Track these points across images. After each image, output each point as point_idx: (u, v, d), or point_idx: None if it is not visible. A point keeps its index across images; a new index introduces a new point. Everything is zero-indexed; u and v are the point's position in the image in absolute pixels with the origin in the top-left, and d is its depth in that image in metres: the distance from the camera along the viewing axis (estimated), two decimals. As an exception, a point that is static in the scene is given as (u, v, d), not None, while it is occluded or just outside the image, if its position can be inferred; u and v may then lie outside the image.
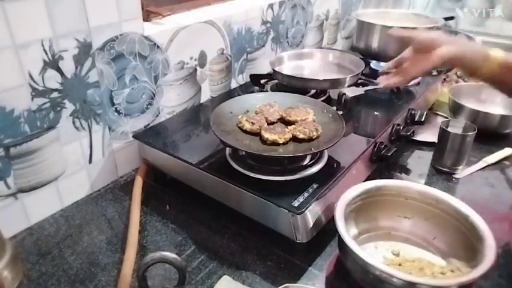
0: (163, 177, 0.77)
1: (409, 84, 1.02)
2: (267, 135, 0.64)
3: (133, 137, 0.78)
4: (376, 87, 0.96)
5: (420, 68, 0.64)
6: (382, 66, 1.09)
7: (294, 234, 0.59)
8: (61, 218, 0.69)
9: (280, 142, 0.64)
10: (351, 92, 0.82)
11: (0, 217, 0.61)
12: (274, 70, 0.91)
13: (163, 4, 0.88)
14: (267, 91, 0.92)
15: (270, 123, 0.68)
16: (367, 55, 1.10)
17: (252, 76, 0.97)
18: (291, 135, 0.65)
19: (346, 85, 0.87)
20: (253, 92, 0.94)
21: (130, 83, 0.74)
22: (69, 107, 0.66)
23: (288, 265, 0.58)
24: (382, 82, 0.71)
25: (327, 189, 0.61)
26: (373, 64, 1.11)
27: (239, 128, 0.68)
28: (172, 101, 0.85)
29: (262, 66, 1.10)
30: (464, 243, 0.56)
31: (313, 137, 0.65)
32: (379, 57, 1.08)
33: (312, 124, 0.67)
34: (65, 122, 0.66)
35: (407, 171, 0.82)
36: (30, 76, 0.59)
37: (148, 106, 0.80)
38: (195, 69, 0.89)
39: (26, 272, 0.57)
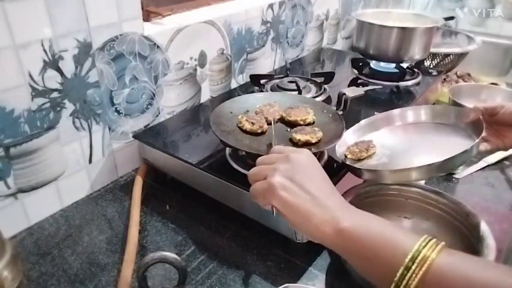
0: (163, 177, 0.77)
1: (409, 84, 1.03)
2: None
3: (133, 137, 0.78)
4: (376, 87, 0.96)
5: None
6: (382, 66, 1.10)
7: (294, 234, 0.59)
8: (61, 218, 0.69)
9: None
10: (351, 92, 0.82)
11: (0, 217, 0.61)
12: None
13: (163, 4, 0.88)
14: (267, 91, 0.92)
15: (270, 124, 0.68)
16: (367, 55, 1.10)
17: (252, 76, 0.97)
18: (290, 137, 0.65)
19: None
20: (253, 92, 0.94)
21: (130, 83, 0.74)
22: (69, 107, 0.66)
23: (288, 265, 0.58)
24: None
25: (327, 189, 0.61)
26: (373, 64, 1.11)
27: (239, 128, 0.68)
28: (172, 101, 0.85)
29: (262, 66, 1.10)
30: (464, 243, 0.56)
31: (312, 142, 0.64)
32: (379, 57, 1.08)
33: (311, 129, 0.66)
34: (65, 122, 0.66)
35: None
36: (30, 76, 0.59)
37: (148, 106, 0.80)
38: (195, 69, 0.89)
39: (26, 272, 0.57)
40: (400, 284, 0.33)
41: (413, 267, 0.33)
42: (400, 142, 0.66)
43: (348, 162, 0.64)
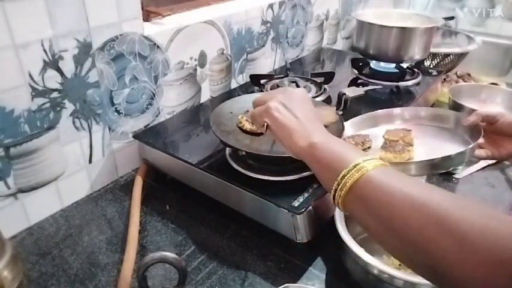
0: (163, 177, 0.77)
1: (409, 84, 1.03)
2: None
3: (133, 137, 0.78)
4: (376, 87, 0.96)
5: None
6: (382, 66, 1.10)
7: (294, 234, 0.59)
8: (61, 218, 0.69)
9: None
10: (351, 92, 0.82)
11: (0, 217, 0.61)
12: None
13: (163, 4, 0.88)
14: (267, 91, 0.92)
15: None
16: (367, 55, 1.10)
17: (252, 76, 0.97)
18: None
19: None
20: (253, 92, 0.94)
21: (130, 83, 0.74)
22: (69, 107, 0.66)
23: (288, 265, 0.58)
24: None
25: (327, 189, 0.61)
26: (373, 64, 1.11)
27: (239, 128, 0.68)
28: (172, 101, 0.85)
29: (262, 66, 1.10)
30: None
31: None
32: (379, 57, 1.08)
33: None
34: (65, 122, 0.66)
35: (407, 171, 0.82)
36: (30, 76, 0.59)
37: (148, 106, 0.80)
38: (195, 69, 0.89)
39: (26, 272, 0.57)
40: (340, 183, 0.41)
41: (352, 171, 0.40)
42: None
43: None
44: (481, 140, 0.62)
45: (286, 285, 0.49)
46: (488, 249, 0.30)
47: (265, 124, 0.51)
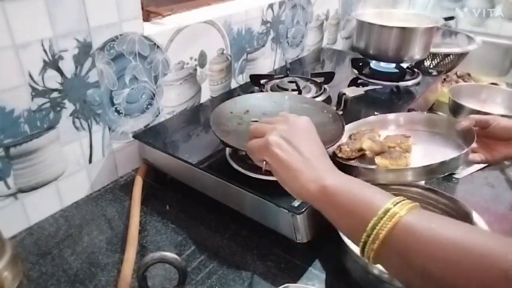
0: (163, 177, 0.77)
1: (409, 84, 1.03)
2: None
3: (133, 137, 0.78)
4: (376, 87, 0.96)
5: None
6: (382, 66, 1.10)
7: (294, 234, 0.59)
8: (61, 218, 0.69)
9: None
10: (351, 92, 0.82)
11: (0, 217, 0.61)
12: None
13: (163, 4, 0.88)
14: (267, 91, 0.92)
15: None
16: (367, 55, 1.10)
17: (252, 76, 0.97)
18: None
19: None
20: (253, 92, 0.94)
21: (130, 83, 0.74)
22: (69, 107, 0.66)
23: (288, 265, 0.58)
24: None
25: (327, 189, 0.61)
26: (373, 64, 1.11)
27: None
28: (172, 101, 0.85)
29: (262, 66, 1.10)
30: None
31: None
32: (379, 57, 1.08)
33: None
34: (65, 122, 0.66)
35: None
36: (30, 76, 0.59)
37: (148, 106, 0.80)
38: (195, 69, 0.89)
39: (26, 272, 0.57)
40: (370, 234, 0.35)
41: (383, 219, 0.35)
42: None
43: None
44: (474, 145, 0.63)
45: (286, 285, 0.49)
46: None
47: (265, 162, 0.45)
